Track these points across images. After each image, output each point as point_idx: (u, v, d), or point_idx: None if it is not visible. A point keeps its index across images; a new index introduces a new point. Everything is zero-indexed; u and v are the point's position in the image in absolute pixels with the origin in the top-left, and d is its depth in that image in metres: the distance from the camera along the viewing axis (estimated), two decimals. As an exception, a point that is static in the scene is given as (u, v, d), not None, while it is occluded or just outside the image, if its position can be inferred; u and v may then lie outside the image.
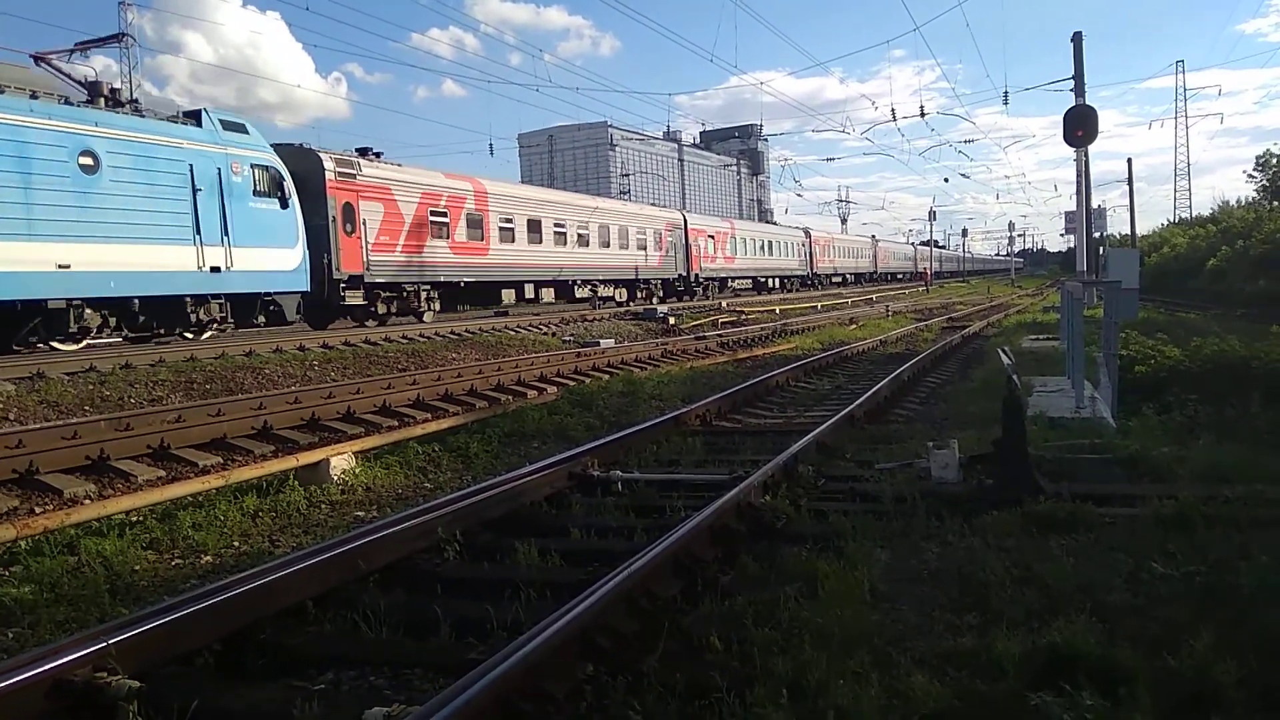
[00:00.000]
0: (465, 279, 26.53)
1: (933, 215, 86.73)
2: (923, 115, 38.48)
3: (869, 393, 10.87)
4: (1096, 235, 38.12)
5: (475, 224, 26.98)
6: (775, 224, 70.46)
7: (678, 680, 3.41)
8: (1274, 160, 51.69)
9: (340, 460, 7.97)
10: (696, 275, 41.95)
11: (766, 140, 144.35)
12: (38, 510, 6.99)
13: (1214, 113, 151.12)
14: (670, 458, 8.18)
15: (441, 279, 25.41)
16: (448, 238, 25.58)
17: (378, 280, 22.94)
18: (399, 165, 24.53)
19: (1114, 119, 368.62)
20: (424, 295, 24.93)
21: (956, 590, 4.36)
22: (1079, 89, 26.60)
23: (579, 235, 32.79)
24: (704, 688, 3.33)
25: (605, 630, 3.73)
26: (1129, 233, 57.78)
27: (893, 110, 50.01)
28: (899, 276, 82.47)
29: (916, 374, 14.10)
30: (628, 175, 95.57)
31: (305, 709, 3.37)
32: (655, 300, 36.42)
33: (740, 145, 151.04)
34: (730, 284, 46.71)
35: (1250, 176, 56.09)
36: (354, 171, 22.24)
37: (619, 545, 5.25)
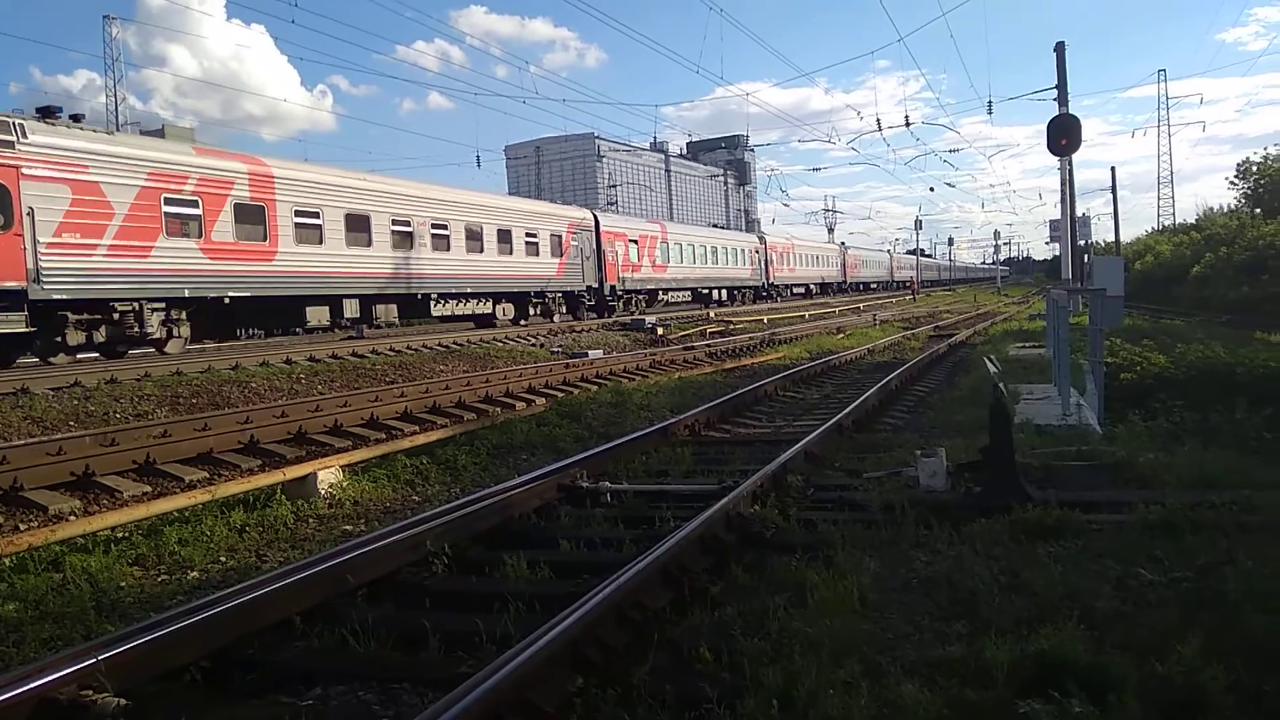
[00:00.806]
0: (232, 293, 19.42)
1: (919, 224, 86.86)
2: (908, 125, 38.72)
3: (857, 402, 10.90)
4: (1081, 243, 38.38)
5: (252, 218, 20.01)
6: (721, 227, 66.15)
7: (668, 692, 3.40)
8: (1255, 168, 52.18)
9: (327, 474, 7.93)
10: (614, 287, 35.43)
11: (753, 151, 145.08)
12: (22, 527, 6.93)
13: (1196, 121, 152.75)
14: (659, 468, 8.17)
15: (187, 293, 18.50)
16: (199, 236, 18.75)
17: (58, 296, 16.05)
18: (110, 134, 18.33)
19: (1097, 127, 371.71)
20: (157, 316, 18.05)
21: (945, 598, 4.36)
22: (1062, 98, 26.78)
23: (435, 236, 25.52)
24: (694, 699, 3.33)
25: (595, 642, 3.72)
26: (1113, 240, 58.23)
27: (878, 120, 50.34)
28: (872, 287, 79.01)
29: (904, 383, 14.15)
30: (615, 186, 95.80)
31: (293, 725, 3.35)
32: (557, 318, 31.33)
33: (727, 156, 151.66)
34: (662, 296, 41.31)
35: (1232, 184, 56.58)
36: (10, 139, 15.34)
37: (608, 557, 5.24)
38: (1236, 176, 55.09)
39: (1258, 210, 48.31)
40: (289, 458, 9.40)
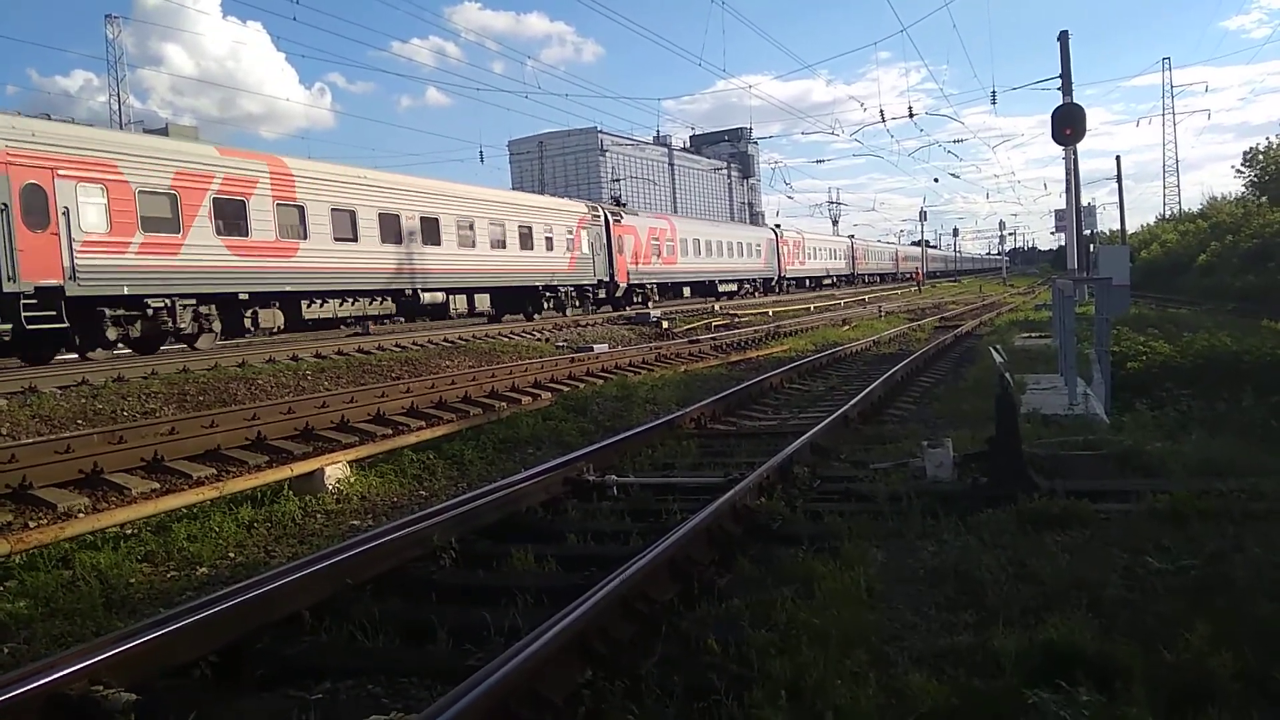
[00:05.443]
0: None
1: (923, 215, 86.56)
2: (911, 116, 38.87)
3: (862, 393, 10.89)
4: (1087, 233, 38.25)
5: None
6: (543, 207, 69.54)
7: (676, 683, 3.41)
8: (1261, 156, 51.95)
9: (335, 469, 7.95)
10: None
11: (756, 143, 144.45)
12: (32, 525, 6.96)
13: (1201, 109, 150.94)
14: (665, 461, 8.18)
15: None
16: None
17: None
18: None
19: (1101, 116, 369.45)
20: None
21: (953, 588, 4.37)
22: (1066, 87, 26.63)
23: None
24: (702, 690, 3.33)
25: (602, 635, 3.73)
26: (1119, 229, 58.06)
27: (881, 111, 50.71)
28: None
29: (910, 374, 14.13)
30: (619, 181, 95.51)
31: (303, 719, 3.37)
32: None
33: (730, 149, 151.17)
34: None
35: (1239, 172, 56.35)
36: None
37: (615, 550, 5.25)
38: (1243, 164, 54.92)
39: (1264, 198, 48.11)
40: (296, 454, 9.42)
